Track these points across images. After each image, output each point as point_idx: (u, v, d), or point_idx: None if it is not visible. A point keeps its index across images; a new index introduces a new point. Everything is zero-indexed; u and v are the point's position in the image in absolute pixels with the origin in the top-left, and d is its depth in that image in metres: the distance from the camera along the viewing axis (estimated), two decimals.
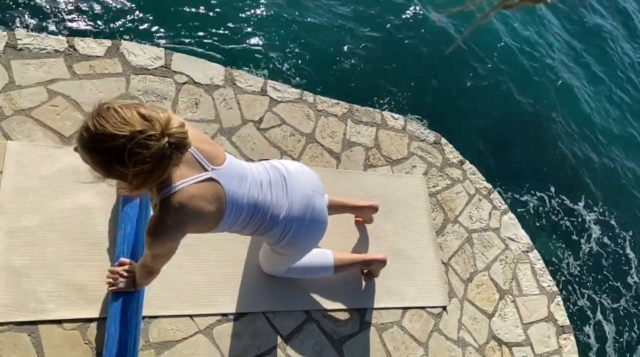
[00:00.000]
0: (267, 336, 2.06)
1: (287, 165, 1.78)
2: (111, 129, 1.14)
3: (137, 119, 1.16)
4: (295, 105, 2.71)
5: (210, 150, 1.47)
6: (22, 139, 2.03)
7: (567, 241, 3.88)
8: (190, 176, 1.37)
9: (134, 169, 1.16)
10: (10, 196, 1.89)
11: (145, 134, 1.15)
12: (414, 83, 4.03)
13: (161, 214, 1.34)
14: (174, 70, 2.48)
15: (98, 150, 1.17)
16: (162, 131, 1.17)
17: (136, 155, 1.15)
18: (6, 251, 1.80)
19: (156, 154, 1.17)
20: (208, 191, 1.42)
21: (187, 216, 1.37)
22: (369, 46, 4.04)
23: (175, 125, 1.20)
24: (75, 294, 1.82)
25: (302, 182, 1.76)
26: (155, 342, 1.87)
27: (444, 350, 2.39)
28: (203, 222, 1.46)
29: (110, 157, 1.17)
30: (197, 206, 1.38)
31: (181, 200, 1.34)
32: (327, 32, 3.88)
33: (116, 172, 1.19)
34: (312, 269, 2.11)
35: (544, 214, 3.92)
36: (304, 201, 1.74)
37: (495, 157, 4.00)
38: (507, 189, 3.89)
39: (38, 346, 1.72)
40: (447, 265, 2.63)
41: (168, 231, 1.37)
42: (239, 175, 1.55)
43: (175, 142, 1.20)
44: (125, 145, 1.14)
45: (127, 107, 1.18)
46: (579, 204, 4.17)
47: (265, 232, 1.72)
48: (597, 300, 3.70)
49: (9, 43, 2.19)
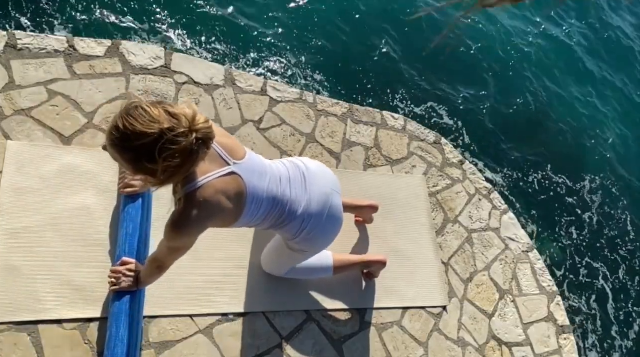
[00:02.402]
0: (267, 336, 2.06)
1: (307, 163, 1.81)
2: (141, 127, 1.18)
3: (164, 117, 1.19)
4: (295, 105, 2.71)
5: (232, 144, 1.50)
6: (22, 139, 2.03)
7: (567, 241, 3.88)
8: (214, 171, 1.41)
9: (164, 164, 1.20)
10: (10, 196, 1.89)
11: (174, 132, 1.18)
12: (414, 83, 4.03)
13: (185, 208, 1.37)
14: (174, 70, 2.48)
15: (128, 148, 1.21)
16: (190, 127, 1.21)
17: (166, 151, 1.18)
18: (6, 251, 1.80)
19: (185, 149, 1.21)
20: (230, 185, 1.45)
21: (210, 210, 1.40)
22: (369, 46, 4.04)
23: (201, 121, 1.24)
24: (75, 294, 1.82)
25: (321, 181, 1.78)
26: (155, 342, 1.87)
27: (444, 350, 2.39)
28: (225, 216, 1.49)
29: (140, 155, 1.21)
30: (220, 200, 1.42)
31: (205, 195, 1.37)
32: (327, 32, 3.88)
33: (145, 168, 1.23)
34: (312, 270, 2.11)
35: (544, 213, 3.92)
36: (322, 198, 1.76)
37: (495, 157, 4.00)
38: (507, 188, 3.89)
39: (38, 346, 1.72)
40: (447, 265, 2.63)
41: (191, 225, 1.40)
42: (259, 170, 1.58)
43: (202, 137, 1.23)
44: (155, 143, 1.17)
45: (154, 105, 1.22)
46: (580, 204, 4.17)
47: (284, 227, 1.74)
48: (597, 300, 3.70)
49: (9, 43, 2.19)
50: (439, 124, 3.89)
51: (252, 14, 3.64)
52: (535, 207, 3.91)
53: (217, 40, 3.37)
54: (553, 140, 4.48)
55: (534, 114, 4.55)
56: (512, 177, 3.99)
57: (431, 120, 3.89)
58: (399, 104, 3.82)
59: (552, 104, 4.76)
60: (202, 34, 3.34)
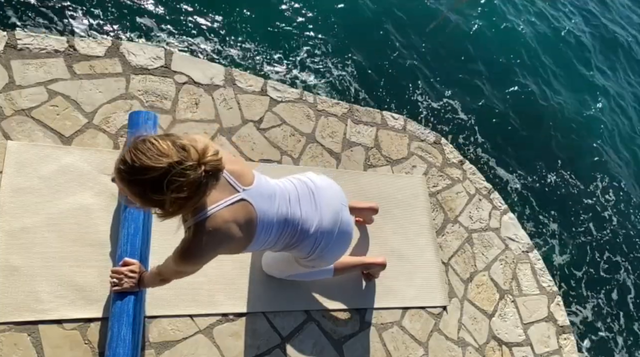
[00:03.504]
0: (267, 336, 2.06)
1: (314, 179, 1.80)
2: (148, 161, 1.17)
3: (173, 150, 1.19)
4: (295, 105, 2.71)
5: (240, 170, 1.50)
6: (22, 139, 2.03)
7: (567, 241, 3.88)
8: (223, 199, 1.41)
9: (171, 196, 1.19)
10: (10, 196, 1.89)
11: (183, 165, 1.17)
12: (414, 83, 4.03)
13: (195, 238, 1.37)
14: (174, 70, 2.48)
15: (136, 181, 1.20)
16: (199, 160, 1.20)
17: (174, 184, 1.17)
18: (6, 251, 1.80)
19: (194, 182, 1.20)
20: (240, 213, 1.45)
21: (219, 239, 1.41)
22: (369, 46, 4.03)
23: (210, 153, 1.23)
24: (75, 294, 1.82)
25: (330, 196, 1.78)
26: (155, 342, 1.87)
27: (444, 350, 2.39)
28: (234, 244, 1.49)
29: (148, 188, 1.19)
30: (229, 229, 1.42)
31: (215, 224, 1.37)
32: (327, 32, 3.87)
33: (153, 201, 1.22)
34: (312, 272, 2.11)
35: (545, 213, 3.92)
36: (332, 214, 1.76)
37: (495, 157, 4.00)
38: (507, 188, 3.89)
39: (38, 346, 1.72)
40: (447, 265, 2.63)
41: (200, 254, 1.41)
42: (268, 194, 1.57)
43: (211, 170, 1.23)
44: (163, 176, 1.17)
45: (162, 139, 1.21)
46: (580, 204, 4.17)
47: (296, 246, 1.74)
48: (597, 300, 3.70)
49: (9, 43, 2.19)
50: (439, 124, 3.89)
51: (252, 14, 3.63)
52: (535, 207, 3.91)
53: (217, 40, 3.37)
54: (554, 140, 4.48)
55: (535, 114, 4.55)
56: (513, 177, 3.99)
57: (431, 120, 3.89)
58: (399, 104, 3.82)
59: (553, 103, 4.76)
60: (202, 34, 3.34)
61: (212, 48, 3.32)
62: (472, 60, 4.54)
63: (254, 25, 3.59)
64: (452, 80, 4.26)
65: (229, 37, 3.43)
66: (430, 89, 4.09)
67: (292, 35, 3.71)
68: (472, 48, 4.61)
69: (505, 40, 4.93)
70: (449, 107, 4.06)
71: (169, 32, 3.24)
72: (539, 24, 5.41)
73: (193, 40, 3.28)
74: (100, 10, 3.10)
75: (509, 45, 4.92)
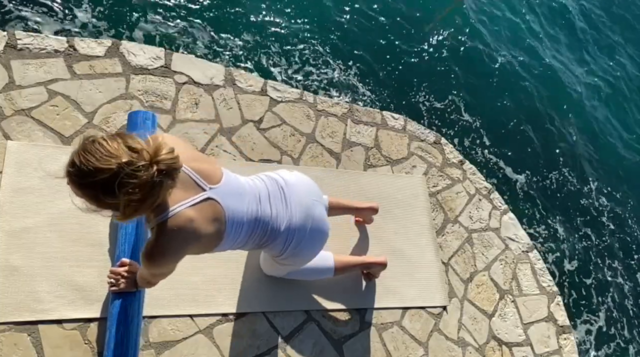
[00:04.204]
0: (267, 336, 2.06)
1: (284, 176, 1.77)
2: (97, 163, 1.12)
3: (123, 151, 1.14)
4: (295, 105, 2.71)
5: (207, 168, 1.45)
6: (22, 139, 2.03)
7: (568, 241, 3.88)
8: (188, 198, 1.35)
9: (125, 199, 1.15)
10: (10, 196, 1.89)
11: (133, 166, 1.13)
12: (414, 83, 4.03)
13: (158, 238, 1.32)
14: (174, 70, 2.48)
15: (86, 185, 1.15)
16: (151, 160, 1.16)
17: (125, 186, 1.13)
18: (6, 251, 1.80)
19: (146, 183, 1.16)
20: (207, 211, 1.40)
21: (184, 239, 1.35)
22: (369, 46, 4.04)
23: (164, 151, 1.19)
24: (75, 294, 1.82)
25: (301, 193, 1.75)
26: (155, 342, 1.87)
27: (444, 350, 2.39)
28: (202, 244, 1.44)
29: (99, 190, 1.15)
30: (195, 228, 1.36)
31: (178, 223, 1.32)
32: (327, 32, 3.88)
33: (107, 203, 1.18)
34: (312, 271, 2.11)
35: (545, 213, 3.92)
36: (303, 211, 1.73)
37: (495, 157, 4.00)
38: (507, 188, 3.89)
39: (38, 346, 1.72)
40: (447, 265, 2.63)
41: (165, 255, 1.35)
42: (237, 192, 1.53)
43: (165, 169, 1.18)
44: (114, 178, 1.12)
45: (112, 139, 1.16)
46: (581, 204, 4.17)
47: (268, 245, 1.72)
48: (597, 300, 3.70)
49: (9, 43, 2.19)
50: (439, 124, 3.89)
51: (252, 14, 3.64)
52: (535, 207, 3.91)
53: (218, 40, 3.37)
54: (554, 140, 4.48)
55: (536, 114, 4.55)
56: (513, 177, 3.99)
57: (431, 120, 3.89)
58: (399, 104, 3.82)
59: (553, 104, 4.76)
60: (203, 34, 3.34)
61: (212, 48, 3.32)
62: (472, 60, 4.54)
63: (254, 26, 3.59)
64: (452, 80, 4.26)
65: (229, 37, 3.43)
66: (431, 88, 4.09)
67: (292, 35, 3.71)
68: (472, 48, 4.61)
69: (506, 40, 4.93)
70: (449, 107, 4.07)
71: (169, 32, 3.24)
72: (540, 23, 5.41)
73: (193, 41, 3.28)
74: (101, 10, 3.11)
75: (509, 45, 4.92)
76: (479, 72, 4.49)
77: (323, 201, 1.88)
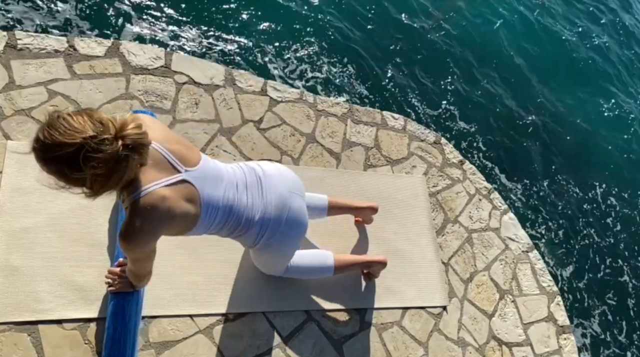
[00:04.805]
0: (267, 336, 2.06)
1: (263, 166, 1.78)
2: (61, 137, 1.12)
3: (88, 125, 1.14)
4: (295, 105, 2.71)
5: (184, 151, 1.45)
6: (22, 139, 2.03)
7: (568, 241, 3.88)
8: (162, 178, 1.36)
9: (90, 173, 1.15)
10: (10, 196, 1.90)
11: (97, 139, 1.13)
12: (414, 83, 4.03)
13: (131, 217, 1.32)
14: (174, 70, 2.48)
15: (50, 159, 1.15)
16: (116, 134, 1.17)
17: (90, 160, 1.13)
18: (6, 251, 1.80)
19: (111, 157, 1.16)
20: (181, 192, 1.40)
21: (158, 218, 1.35)
22: (369, 46, 4.04)
23: (130, 126, 1.19)
24: (75, 294, 1.82)
25: (278, 184, 1.76)
26: (155, 342, 1.87)
27: (444, 350, 2.39)
28: (176, 224, 1.43)
29: (64, 165, 1.15)
30: (168, 207, 1.36)
31: (152, 202, 1.32)
32: (328, 32, 3.88)
33: (73, 179, 1.18)
34: (312, 270, 2.11)
35: (545, 213, 3.92)
36: (279, 202, 1.73)
37: (495, 157, 4.00)
38: (507, 188, 3.89)
39: (38, 346, 1.72)
40: (447, 265, 2.63)
41: (140, 234, 1.35)
42: (214, 177, 1.53)
43: (130, 144, 1.19)
44: (77, 152, 1.12)
45: (78, 114, 1.17)
46: (581, 204, 4.17)
47: (242, 234, 1.72)
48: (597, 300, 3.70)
49: (9, 43, 2.19)
50: (439, 124, 3.89)
51: (252, 14, 3.64)
52: (535, 207, 3.91)
53: (217, 40, 3.37)
54: (555, 140, 4.48)
55: (536, 114, 4.55)
56: (513, 177, 3.99)
57: (431, 120, 3.89)
58: (399, 104, 3.82)
59: (554, 104, 4.76)
60: (203, 34, 3.34)
61: (212, 48, 3.32)
62: (473, 60, 4.54)
63: (254, 26, 3.60)
64: (452, 80, 4.26)
65: (229, 37, 3.43)
66: (431, 88, 4.09)
67: (292, 35, 3.71)
68: (473, 48, 4.61)
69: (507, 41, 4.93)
70: (449, 107, 4.07)
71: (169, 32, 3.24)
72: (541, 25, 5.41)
73: (193, 40, 3.28)
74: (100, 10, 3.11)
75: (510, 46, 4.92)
76: (480, 72, 4.49)
77: (303, 195, 1.88)
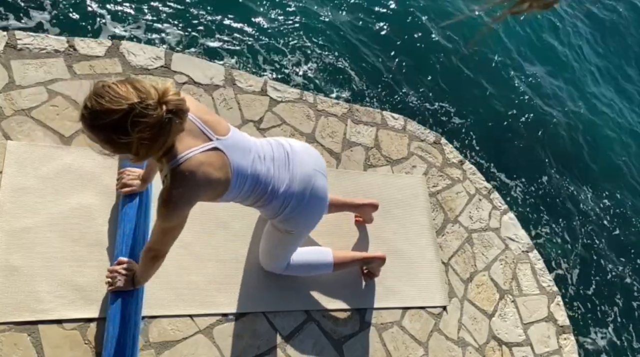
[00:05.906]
0: (267, 336, 2.06)
1: (292, 143, 1.82)
2: (108, 104, 1.19)
3: (132, 92, 1.21)
4: (295, 105, 2.71)
5: (214, 120, 1.52)
6: (22, 139, 2.03)
7: (567, 241, 3.88)
8: (197, 146, 1.42)
9: (138, 137, 1.22)
10: (10, 196, 1.89)
11: (143, 104, 1.20)
12: (414, 83, 4.03)
13: (172, 183, 1.39)
14: (174, 70, 2.48)
15: (100, 126, 1.23)
16: (159, 100, 1.23)
17: (137, 125, 1.21)
18: (6, 251, 1.80)
19: (157, 122, 1.23)
20: (215, 159, 1.47)
21: (197, 182, 1.42)
22: (370, 46, 4.03)
23: (171, 92, 1.26)
24: (75, 294, 1.82)
25: (305, 161, 1.80)
26: (155, 342, 1.87)
27: (444, 350, 2.39)
28: (212, 188, 1.51)
29: (113, 131, 1.22)
30: (206, 172, 1.43)
31: (190, 167, 1.39)
32: (328, 32, 3.87)
33: (121, 145, 1.25)
34: (311, 266, 2.12)
35: (545, 213, 3.92)
36: (304, 178, 1.77)
37: (495, 157, 4.00)
38: (507, 189, 3.89)
39: (38, 346, 1.72)
40: (447, 265, 2.63)
41: (181, 199, 1.41)
42: (242, 147, 1.59)
43: (172, 109, 1.25)
44: (125, 118, 1.19)
45: (121, 82, 1.24)
46: (580, 204, 4.17)
47: (265, 205, 1.76)
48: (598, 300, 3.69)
49: (9, 43, 2.19)
50: (439, 124, 3.89)
51: (252, 14, 3.63)
52: (535, 207, 3.91)
53: (218, 40, 3.37)
54: (555, 140, 4.48)
55: (536, 115, 4.55)
56: (513, 177, 3.99)
57: (431, 120, 3.89)
58: (399, 104, 3.82)
59: (555, 105, 4.76)
60: (202, 34, 3.34)
61: (212, 48, 3.32)
62: (473, 61, 4.54)
63: (254, 25, 3.59)
64: (452, 81, 4.26)
65: (229, 37, 3.43)
66: (431, 88, 4.09)
67: (292, 35, 3.71)
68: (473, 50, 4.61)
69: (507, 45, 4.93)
70: (449, 107, 4.06)
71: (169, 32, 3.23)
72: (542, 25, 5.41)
73: (193, 40, 3.28)
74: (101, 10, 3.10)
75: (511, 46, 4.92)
76: (481, 73, 4.49)
77: (326, 175, 1.93)
